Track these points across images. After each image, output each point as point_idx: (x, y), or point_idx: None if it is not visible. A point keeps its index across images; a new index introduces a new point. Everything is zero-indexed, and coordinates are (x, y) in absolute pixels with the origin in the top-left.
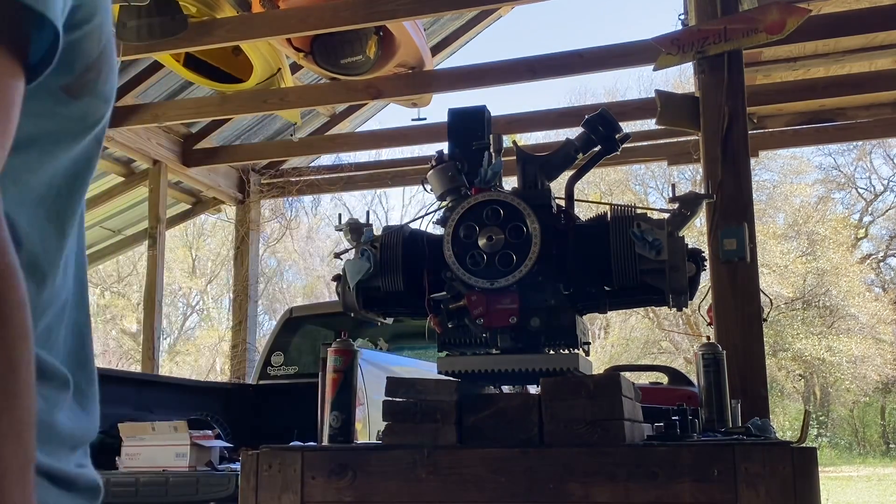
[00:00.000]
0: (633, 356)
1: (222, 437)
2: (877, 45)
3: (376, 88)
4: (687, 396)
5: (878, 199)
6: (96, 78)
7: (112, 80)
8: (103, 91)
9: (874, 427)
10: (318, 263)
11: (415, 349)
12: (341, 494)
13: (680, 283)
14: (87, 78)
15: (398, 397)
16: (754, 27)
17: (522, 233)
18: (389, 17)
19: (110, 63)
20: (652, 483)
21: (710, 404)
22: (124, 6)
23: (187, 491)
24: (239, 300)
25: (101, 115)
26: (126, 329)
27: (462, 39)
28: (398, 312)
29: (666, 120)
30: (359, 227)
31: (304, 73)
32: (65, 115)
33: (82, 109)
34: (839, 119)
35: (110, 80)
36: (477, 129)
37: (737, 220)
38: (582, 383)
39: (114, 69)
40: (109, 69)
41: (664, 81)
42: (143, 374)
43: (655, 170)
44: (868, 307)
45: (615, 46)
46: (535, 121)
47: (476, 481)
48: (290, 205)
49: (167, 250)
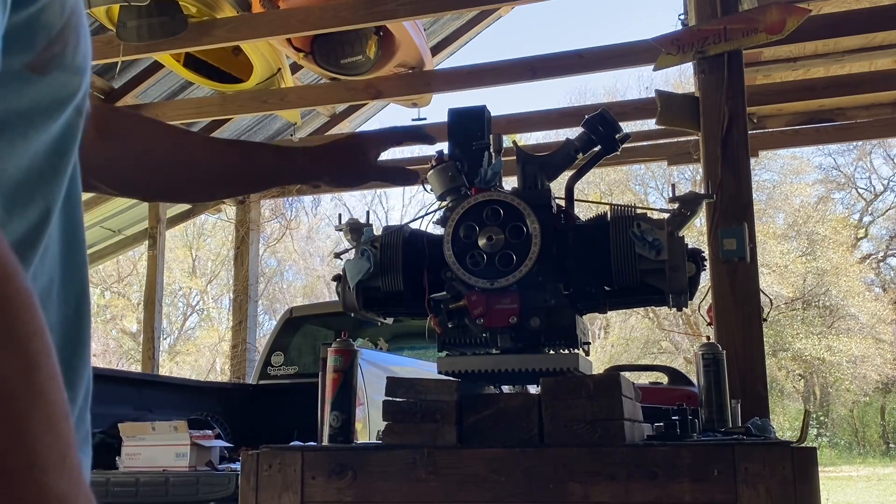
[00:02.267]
0: (633, 356)
1: (222, 437)
2: (877, 45)
3: (376, 88)
4: (687, 396)
5: (878, 199)
6: (62, 50)
7: (83, 48)
8: (73, 62)
9: (874, 427)
10: (318, 263)
11: (415, 349)
12: (341, 494)
13: (680, 283)
14: (52, 52)
15: (398, 397)
16: (754, 27)
17: (522, 233)
18: (389, 17)
19: (78, 31)
20: (652, 483)
21: (710, 404)
22: (124, 6)
23: (187, 491)
24: (239, 300)
25: (76, 86)
26: (126, 329)
27: (462, 39)
28: (398, 312)
29: (666, 120)
30: (359, 227)
31: (304, 73)
32: (34, 93)
33: (53, 85)
34: (839, 119)
35: (80, 48)
36: (477, 129)
37: (737, 220)
38: (582, 383)
39: (84, 37)
40: (78, 38)
41: (664, 81)
42: (143, 374)
43: (655, 170)
44: (868, 307)
45: (615, 46)
46: (535, 121)
47: (476, 481)
48: (290, 205)
49: (167, 250)
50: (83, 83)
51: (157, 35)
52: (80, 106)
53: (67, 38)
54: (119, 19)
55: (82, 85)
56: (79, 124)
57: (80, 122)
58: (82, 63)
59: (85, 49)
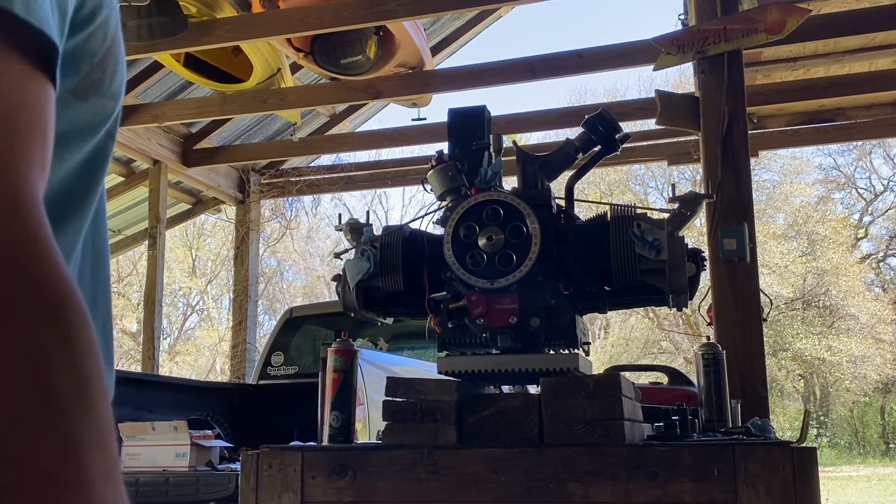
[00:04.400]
0: (633, 356)
1: (222, 437)
2: (876, 45)
3: (376, 88)
4: (687, 396)
5: (878, 199)
6: (101, 76)
7: (119, 75)
8: (110, 88)
9: (874, 427)
10: (318, 263)
11: (415, 349)
12: (341, 494)
13: (680, 283)
14: (92, 78)
15: (398, 397)
16: (754, 27)
17: (522, 233)
18: (389, 17)
19: (116, 58)
20: (652, 483)
21: (710, 404)
22: (124, 6)
23: (187, 491)
24: (239, 300)
25: (110, 111)
26: (126, 329)
27: (462, 39)
28: (398, 312)
29: (666, 120)
30: (359, 227)
31: (304, 73)
32: (72, 117)
33: (90, 110)
34: (839, 119)
35: (117, 75)
36: (477, 129)
37: (737, 220)
38: (582, 383)
39: (121, 64)
40: (115, 65)
41: (664, 81)
42: (143, 374)
43: (655, 170)
44: (868, 307)
45: (615, 46)
46: (535, 121)
47: (476, 481)
48: (290, 205)
49: (167, 250)
50: (116, 108)
51: (157, 35)
52: (112, 130)
53: (107, 64)
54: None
55: (115, 110)
56: (109, 146)
57: (111, 144)
58: (118, 89)
59: (121, 76)
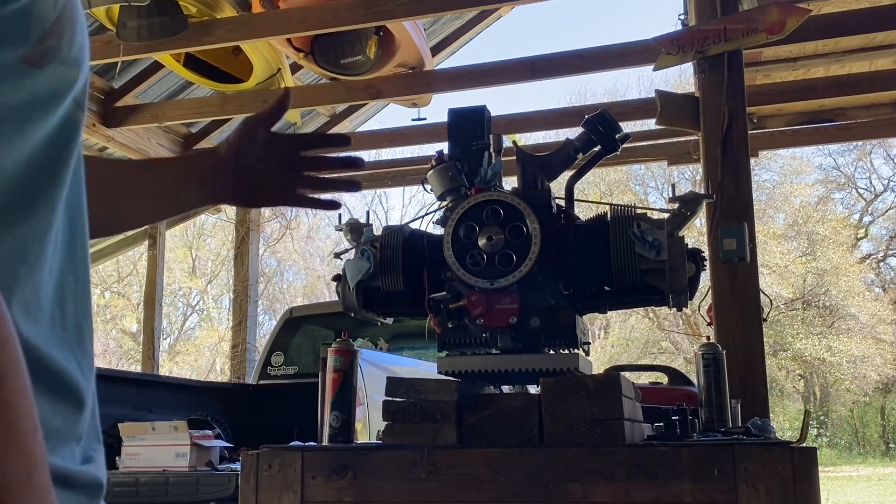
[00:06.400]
0: (633, 356)
1: (222, 437)
2: (876, 45)
3: (376, 88)
4: (687, 396)
5: (878, 199)
6: (58, 42)
7: (79, 40)
8: (70, 54)
9: (874, 427)
10: (318, 263)
11: (415, 349)
12: (341, 494)
13: (680, 283)
14: (46, 45)
15: (398, 397)
16: (754, 27)
17: (522, 233)
18: (389, 17)
19: (73, 22)
20: (652, 483)
21: (709, 404)
22: (124, 6)
23: (187, 491)
24: (239, 300)
25: (74, 79)
26: (126, 329)
27: (462, 39)
28: (398, 312)
29: (666, 120)
30: (359, 227)
31: (304, 73)
32: (30, 88)
33: (49, 79)
34: (839, 119)
35: (77, 40)
36: (477, 129)
37: (737, 220)
38: (582, 383)
39: (80, 28)
40: (73, 30)
41: (664, 81)
42: (143, 374)
43: (655, 170)
44: (868, 307)
45: (615, 46)
46: (535, 121)
47: (476, 481)
48: None
49: (167, 250)
50: (81, 75)
51: (157, 35)
52: (80, 98)
53: (62, 30)
54: (119, 19)
55: (80, 77)
56: (79, 117)
57: (81, 114)
58: (79, 55)
59: (81, 41)
